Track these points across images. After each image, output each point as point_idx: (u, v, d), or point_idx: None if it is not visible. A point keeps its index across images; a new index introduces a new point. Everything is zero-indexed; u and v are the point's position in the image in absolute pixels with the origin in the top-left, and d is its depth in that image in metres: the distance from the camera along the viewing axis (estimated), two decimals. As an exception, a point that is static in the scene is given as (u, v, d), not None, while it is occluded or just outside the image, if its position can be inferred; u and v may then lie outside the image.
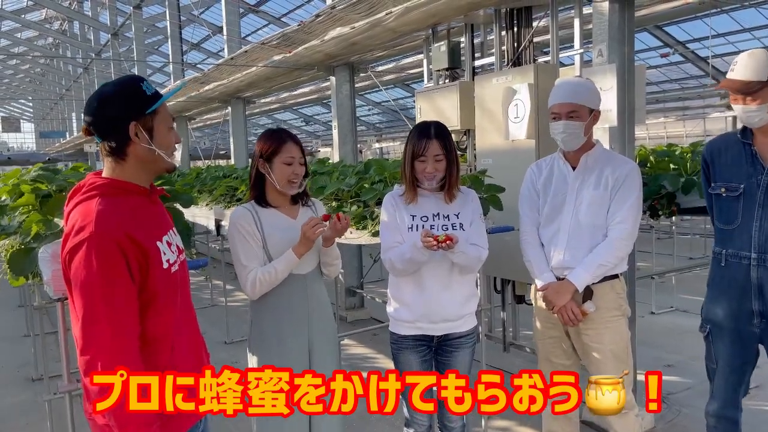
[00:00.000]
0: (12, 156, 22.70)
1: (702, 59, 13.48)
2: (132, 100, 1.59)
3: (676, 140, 16.00)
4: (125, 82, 1.64)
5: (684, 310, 6.28)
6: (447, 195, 2.44)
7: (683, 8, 6.53)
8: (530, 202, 2.71)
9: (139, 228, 1.56)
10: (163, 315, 1.64)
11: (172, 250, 1.69)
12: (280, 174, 2.30)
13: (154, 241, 1.61)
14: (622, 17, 3.44)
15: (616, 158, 2.64)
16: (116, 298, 1.49)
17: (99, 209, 1.51)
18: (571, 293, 2.51)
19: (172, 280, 1.67)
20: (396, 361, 2.54)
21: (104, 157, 1.63)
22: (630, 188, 2.51)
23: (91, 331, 1.47)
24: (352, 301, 6.52)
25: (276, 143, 2.32)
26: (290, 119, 26.78)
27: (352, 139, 6.53)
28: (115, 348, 1.48)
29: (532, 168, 2.76)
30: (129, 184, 1.62)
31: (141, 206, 1.64)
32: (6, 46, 23.74)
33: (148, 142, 1.60)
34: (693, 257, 9.12)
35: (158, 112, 1.63)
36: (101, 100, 1.59)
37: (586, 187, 2.56)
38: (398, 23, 4.73)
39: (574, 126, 2.50)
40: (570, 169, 2.61)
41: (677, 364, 4.75)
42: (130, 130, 1.58)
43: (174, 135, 1.70)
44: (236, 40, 9.33)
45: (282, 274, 2.27)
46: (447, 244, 2.25)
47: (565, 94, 2.54)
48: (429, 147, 2.37)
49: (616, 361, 2.58)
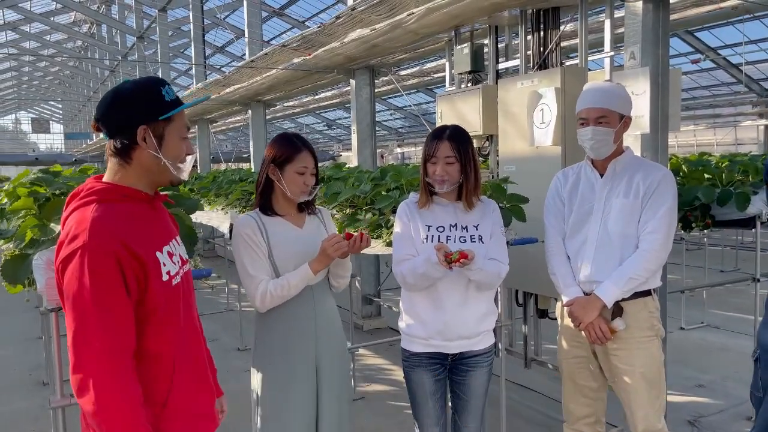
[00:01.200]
0: (39, 156, 23.01)
1: (734, 66, 13.12)
2: (147, 103, 1.50)
3: (706, 148, 15.58)
4: (145, 82, 1.54)
5: (715, 326, 6.03)
6: (465, 203, 2.29)
7: (715, 13, 6.30)
8: (555, 212, 2.55)
9: (137, 237, 1.45)
10: (164, 330, 1.53)
11: (173, 261, 1.58)
12: (291, 183, 2.19)
13: (154, 251, 1.50)
14: (657, 18, 3.25)
15: (647, 164, 2.47)
16: (110, 313, 1.38)
17: (95, 216, 1.41)
18: (599, 309, 2.34)
19: (174, 293, 1.56)
20: (408, 379, 2.39)
21: (108, 158, 1.53)
22: (663, 196, 2.33)
23: (83, 350, 1.37)
24: (369, 310, 6.38)
25: (289, 151, 2.20)
26: (313, 123, 26.80)
27: (371, 144, 6.39)
28: (107, 369, 1.37)
29: (558, 176, 2.60)
30: (130, 189, 1.51)
31: (141, 214, 1.53)
32: (36, 48, 24.14)
33: (156, 149, 1.51)
34: (724, 270, 8.81)
35: (173, 119, 1.53)
36: (116, 97, 1.50)
37: (615, 195, 2.40)
38: (419, 25, 4.59)
39: (603, 132, 2.35)
40: (598, 176, 2.45)
41: (709, 384, 4.52)
42: (138, 133, 1.48)
43: (187, 146, 1.59)
44: (258, 43, 9.28)
45: (295, 289, 2.14)
46: (461, 263, 2.10)
47: (594, 98, 2.39)
48: (439, 148, 2.25)
49: (648, 386, 2.40)
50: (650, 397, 2.41)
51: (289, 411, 2.14)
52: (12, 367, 5.37)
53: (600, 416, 2.59)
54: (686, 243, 7.73)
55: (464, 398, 2.38)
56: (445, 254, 2.10)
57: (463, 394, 2.38)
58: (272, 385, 2.17)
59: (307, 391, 2.17)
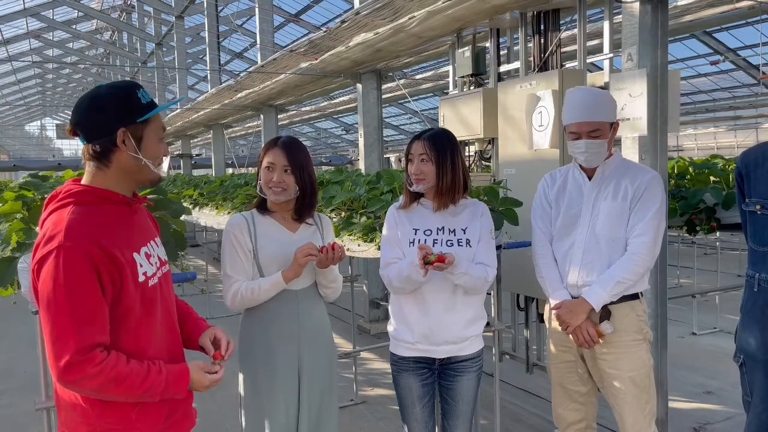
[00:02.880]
0: (62, 162, 23.39)
1: (754, 67, 12.89)
2: (124, 106, 1.52)
3: (726, 151, 15.36)
4: (121, 86, 1.57)
5: (728, 332, 5.90)
6: (435, 201, 2.28)
7: (732, 14, 6.21)
8: (543, 214, 2.54)
9: (113, 238, 1.47)
10: (141, 330, 1.55)
11: (151, 262, 1.60)
12: (262, 179, 2.21)
13: (131, 252, 1.52)
14: (655, 19, 3.20)
15: (635, 167, 2.45)
16: (83, 312, 1.40)
17: (71, 218, 1.44)
18: (587, 312, 2.32)
19: (150, 294, 1.57)
20: (396, 383, 2.39)
21: (86, 162, 1.55)
22: (650, 199, 2.31)
23: (57, 348, 1.39)
24: (376, 314, 6.37)
25: (265, 148, 2.24)
26: (330, 128, 26.91)
27: (378, 148, 6.39)
28: (86, 361, 1.39)
29: (545, 178, 2.59)
30: (107, 191, 1.54)
31: (118, 215, 1.55)
32: (58, 56, 24.59)
33: (135, 150, 1.53)
34: (741, 274, 8.63)
35: (150, 121, 1.56)
36: (93, 101, 1.52)
37: (603, 198, 2.38)
38: (422, 28, 4.58)
39: (597, 144, 2.34)
40: (586, 179, 2.43)
41: (717, 390, 4.43)
42: (118, 136, 1.51)
43: (163, 147, 1.62)
44: (270, 49, 9.34)
45: (265, 294, 2.16)
46: (437, 266, 2.08)
47: (584, 111, 2.35)
48: (414, 146, 2.26)
49: (636, 390, 2.36)
50: (639, 402, 2.37)
51: (270, 414, 2.15)
52: (21, 369, 5.45)
53: (591, 421, 2.56)
54: (699, 246, 7.62)
55: (452, 403, 2.36)
56: (425, 255, 2.09)
57: (451, 399, 2.36)
58: (254, 387, 2.18)
59: (288, 395, 2.18)
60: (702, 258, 9.11)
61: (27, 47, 22.48)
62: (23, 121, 45.13)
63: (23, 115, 42.25)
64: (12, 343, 6.38)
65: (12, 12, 16.91)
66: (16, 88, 31.18)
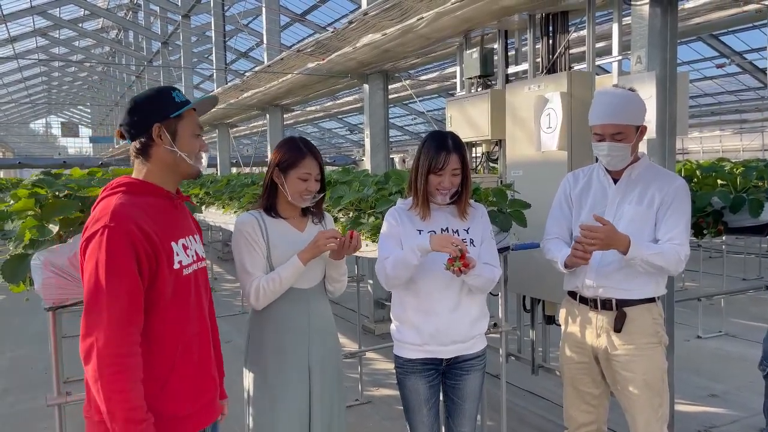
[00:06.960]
0: (67, 160, 23.47)
1: (760, 70, 12.86)
2: (158, 104, 1.68)
3: (732, 154, 15.32)
4: (158, 89, 1.75)
5: (733, 335, 5.90)
6: (459, 209, 2.30)
7: (739, 17, 6.19)
8: (560, 217, 2.52)
9: (153, 225, 1.59)
10: (171, 315, 1.64)
11: (188, 253, 1.72)
12: (293, 188, 2.21)
13: (168, 241, 1.64)
14: (664, 21, 3.20)
15: (663, 174, 2.43)
16: (120, 288, 1.50)
17: (117, 203, 1.57)
18: (620, 245, 2.20)
19: (184, 283, 1.68)
20: (402, 386, 2.38)
21: (133, 159, 1.72)
22: (681, 207, 2.31)
23: (92, 319, 1.49)
24: (381, 314, 6.37)
25: (294, 156, 2.21)
26: (335, 128, 26.93)
27: (384, 148, 6.40)
28: (113, 337, 1.48)
29: (568, 177, 2.57)
30: (152, 185, 1.68)
31: (161, 207, 1.68)
32: (65, 54, 24.66)
33: (170, 144, 1.68)
34: (747, 278, 8.61)
35: (183, 117, 1.71)
36: (132, 103, 1.70)
37: (627, 202, 2.36)
38: (430, 29, 4.59)
39: (620, 148, 2.31)
40: (611, 181, 2.42)
41: (722, 394, 4.43)
42: (153, 131, 1.66)
43: (200, 142, 1.76)
44: (276, 49, 9.36)
45: (287, 282, 2.16)
46: (464, 271, 2.10)
47: (609, 113, 2.31)
48: (448, 161, 2.21)
49: (650, 393, 2.35)
50: (653, 405, 2.36)
51: (281, 413, 2.15)
52: (29, 366, 5.48)
53: (601, 424, 2.55)
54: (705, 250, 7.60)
55: (459, 402, 2.37)
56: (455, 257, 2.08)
57: (457, 398, 2.37)
58: (263, 385, 2.18)
59: (299, 394, 2.18)
60: (707, 261, 9.08)
61: (33, 45, 22.56)
62: (28, 118, 45.32)
63: (28, 113, 42.40)
64: (18, 341, 6.40)
65: (19, 10, 16.97)
66: (22, 86, 31.30)
